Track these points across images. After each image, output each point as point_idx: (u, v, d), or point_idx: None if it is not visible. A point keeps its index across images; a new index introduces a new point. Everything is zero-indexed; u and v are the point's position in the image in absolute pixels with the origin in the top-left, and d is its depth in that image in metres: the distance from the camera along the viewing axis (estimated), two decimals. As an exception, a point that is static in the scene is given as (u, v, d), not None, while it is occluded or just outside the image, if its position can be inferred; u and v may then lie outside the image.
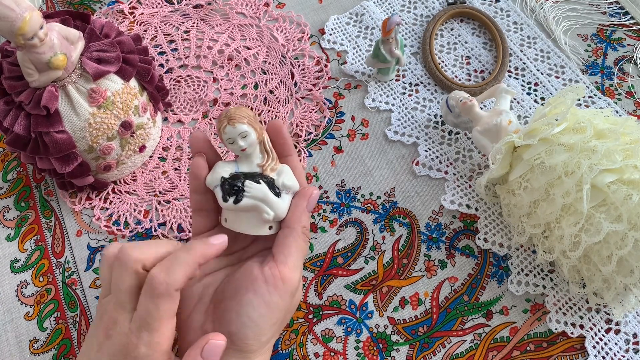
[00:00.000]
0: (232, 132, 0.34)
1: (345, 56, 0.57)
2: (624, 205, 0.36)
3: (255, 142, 0.35)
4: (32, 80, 0.41)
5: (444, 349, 0.43)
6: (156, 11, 0.61)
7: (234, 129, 0.34)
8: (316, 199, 0.36)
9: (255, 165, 0.36)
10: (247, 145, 0.35)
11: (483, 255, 0.47)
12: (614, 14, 0.59)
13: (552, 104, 0.43)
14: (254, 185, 0.34)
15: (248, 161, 0.36)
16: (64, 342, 0.45)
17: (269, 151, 0.36)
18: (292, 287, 0.34)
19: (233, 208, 0.35)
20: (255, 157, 0.36)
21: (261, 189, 0.34)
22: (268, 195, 0.35)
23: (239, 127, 0.34)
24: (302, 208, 0.35)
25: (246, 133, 0.34)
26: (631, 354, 0.42)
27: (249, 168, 0.35)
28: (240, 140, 0.34)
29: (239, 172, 0.35)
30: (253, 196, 0.34)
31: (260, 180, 0.35)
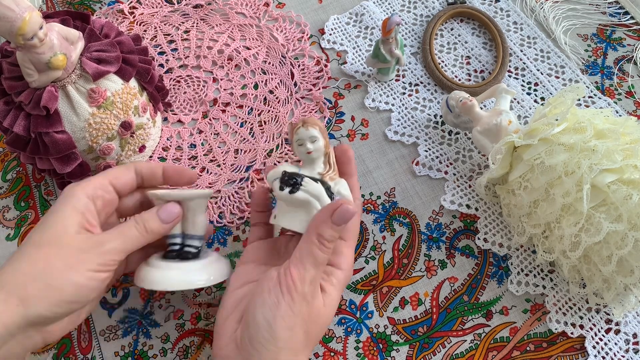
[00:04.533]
0: (304, 134, 0.37)
1: (345, 56, 0.57)
2: (624, 205, 0.36)
3: (321, 149, 0.38)
4: (31, 81, 0.41)
5: (444, 349, 0.43)
6: (156, 11, 0.61)
7: (306, 132, 0.37)
8: (345, 214, 0.34)
9: (316, 173, 0.38)
10: (314, 149, 0.37)
11: (483, 255, 0.47)
12: (614, 14, 0.59)
13: (552, 104, 0.43)
14: (311, 182, 0.37)
15: (310, 167, 0.38)
16: (64, 341, 0.45)
17: (331, 164, 0.39)
18: (302, 292, 0.33)
19: (287, 198, 0.37)
20: (317, 165, 0.38)
21: (317, 187, 0.37)
22: (322, 194, 0.37)
23: (311, 131, 0.37)
24: (325, 217, 0.35)
25: (316, 138, 0.37)
26: (631, 354, 0.42)
27: (310, 173, 0.38)
28: (309, 143, 0.37)
29: (300, 173, 0.38)
30: (308, 191, 0.36)
31: (318, 182, 0.37)
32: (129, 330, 0.45)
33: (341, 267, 0.37)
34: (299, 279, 0.33)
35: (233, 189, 0.51)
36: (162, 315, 0.45)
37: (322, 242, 0.34)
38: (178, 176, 0.42)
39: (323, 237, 0.34)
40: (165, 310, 0.46)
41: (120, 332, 0.45)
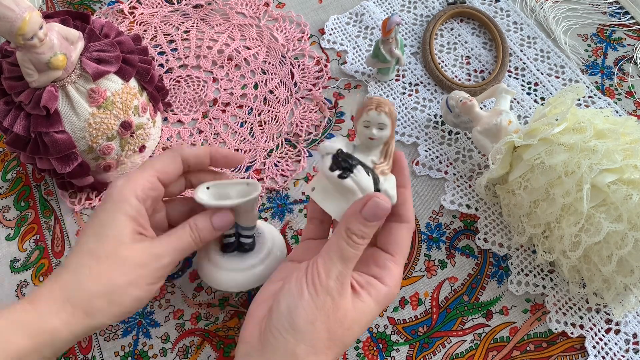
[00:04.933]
0: (374, 118, 0.34)
1: (345, 56, 0.57)
2: (624, 205, 0.36)
3: (385, 138, 0.35)
4: (31, 81, 0.41)
5: (444, 349, 0.43)
6: (156, 11, 0.61)
7: (377, 116, 0.34)
8: (375, 208, 0.32)
9: (370, 160, 0.35)
10: (378, 137, 0.34)
11: (483, 255, 0.47)
12: (614, 14, 0.59)
13: (552, 104, 0.43)
14: (363, 173, 0.34)
15: (365, 153, 0.35)
16: (64, 342, 0.45)
17: (388, 155, 0.36)
18: (327, 285, 0.32)
19: (334, 180, 0.34)
20: (374, 153, 0.35)
21: (368, 180, 0.34)
22: (370, 189, 0.34)
23: (382, 118, 0.34)
24: (355, 210, 0.33)
25: (384, 125, 0.34)
26: (631, 354, 0.42)
27: (364, 159, 0.35)
28: (375, 129, 0.34)
29: (353, 154, 0.35)
30: (357, 181, 0.33)
31: (370, 174, 0.34)
32: (129, 330, 0.45)
33: (384, 281, 0.34)
34: (324, 271, 0.32)
35: (233, 189, 0.51)
36: (162, 315, 0.45)
37: (351, 236, 0.32)
38: (225, 161, 0.41)
39: (351, 231, 0.32)
40: (165, 310, 0.46)
41: (120, 332, 0.45)
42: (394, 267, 0.35)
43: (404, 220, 0.36)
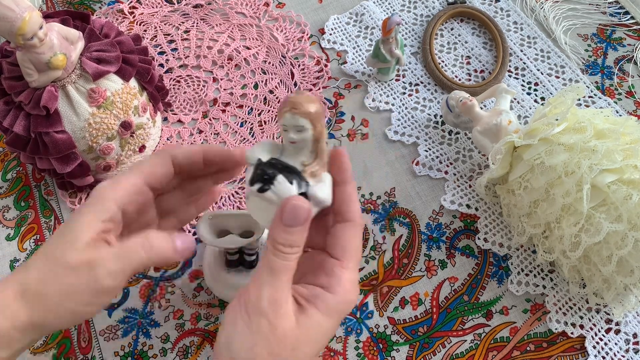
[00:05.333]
0: (289, 121, 0.30)
1: (345, 56, 0.57)
2: (624, 205, 0.36)
3: (308, 139, 0.31)
4: (31, 81, 0.41)
5: (444, 349, 0.43)
6: (156, 11, 0.61)
7: (292, 119, 0.30)
8: (294, 212, 0.29)
9: (300, 162, 0.32)
10: (298, 140, 0.31)
11: (483, 255, 0.47)
12: (614, 14, 0.59)
13: (552, 103, 0.43)
14: (284, 184, 0.31)
15: (295, 154, 0.32)
16: (64, 341, 0.45)
17: (319, 153, 0.32)
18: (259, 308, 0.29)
19: (256, 194, 0.31)
20: (303, 154, 0.32)
21: (289, 190, 0.31)
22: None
23: (298, 120, 0.30)
24: (276, 219, 0.30)
25: (302, 128, 0.31)
26: (631, 354, 0.42)
27: (292, 161, 0.32)
28: (294, 132, 0.31)
29: (279, 159, 0.32)
30: (277, 194, 0.31)
31: (294, 181, 0.31)
32: (128, 330, 0.45)
33: (332, 290, 0.31)
34: (255, 292, 0.29)
35: (233, 189, 0.50)
36: (162, 315, 0.45)
37: (277, 247, 0.30)
38: (220, 160, 0.36)
39: (276, 242, 0.30)
40: (165, 310, 0.46)
41: (120, 332, 0.45)
42: (343, 273, 0.31)
43: (347, 219, 0.33)
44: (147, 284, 0.46)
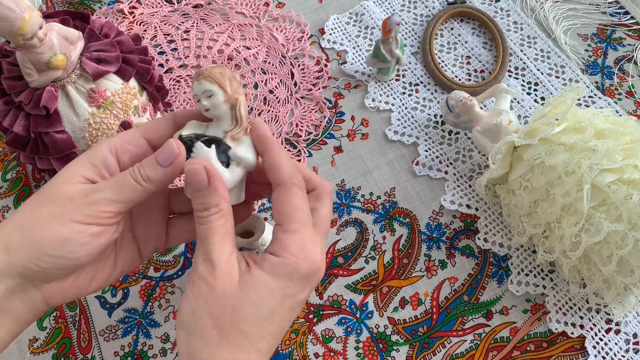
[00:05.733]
0: (197, 89, 0.31)
1: (345, 56, 0.57)
2: (624, 205, 0.36)
3: (220, 104, 0.32)
4: (31, 80, 0.41)
5: (444, 349, 0.43)
6: (156, 11, 0.61)
7: (199, 86, 0.31)
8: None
9: (222, 131, 0.33)
10: (211, 105, 0.32)
11: (483, 255, 0.47)
12: (614, 14, 0.59)
13: (552, 103, 0.43)
14: (202, 149, 0.32)
15: (217, 126, 0.33)
16: (64, 341, 0.45)
17: (238, 119, 0.33)
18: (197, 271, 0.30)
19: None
20: (225, 122, 0.33)
21: (207, 153, 0.31)
22: (211, 161, 0.31)
23: (204, 85, 0.31)
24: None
25: (211, 92, 0.31)
26: (631, 354, 0.42)
27: (215, 133, 0.33)
28: (205, 99, 0.31)
29: (203, 134, 0.33)
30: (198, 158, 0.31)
31: (213, 145, 0.32)
32: (128, 330, 0.45)
33: (276, 253, 0.31)
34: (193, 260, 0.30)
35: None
36: (162, 315, 0.45)
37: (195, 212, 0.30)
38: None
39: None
40: (165, 310, 0.46)
41: (120, 332, 0.45)
42: (285, 236, 0.31)
43: (277, 183, 0.32)
44: (147, 284, 0.47)
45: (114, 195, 0.30)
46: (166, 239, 0.37)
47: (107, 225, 0.31)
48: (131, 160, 0.33)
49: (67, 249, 0.30)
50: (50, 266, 0.30)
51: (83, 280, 0.33)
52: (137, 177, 0.31)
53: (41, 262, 0.29)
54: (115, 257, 0.34)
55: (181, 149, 0.31)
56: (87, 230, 0.30)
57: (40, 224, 0.29)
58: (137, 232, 0.35)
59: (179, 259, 0.47)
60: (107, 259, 0.34)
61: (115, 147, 0.32)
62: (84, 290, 0.33)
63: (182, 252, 0.48)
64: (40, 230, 0.29)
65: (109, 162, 0.32)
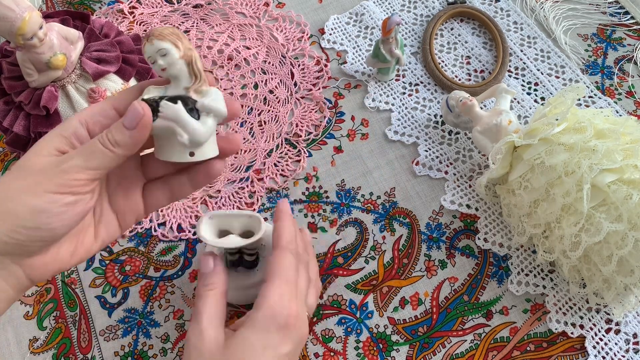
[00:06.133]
0: (150, 50, 0.31)
1: (345, 56, 0.57)
2: (624, 205, 0.36)
3: (176, 61, 0.32)
4: (31, 80, 0.41)
5: (444, 349, 0.43)
6: (156, 11, 0.61)
7: (152, 47, 0.31)
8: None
9: (182, 88, 0.33)
10: (167, 64, 0.32)
11: (483, 255, 0.47)
12: (614, 14, 0.59)
13: (552, 103, 0.43)
14: (168, 105, 0.32)
15: (176, 85, 0.33)
16: (64, 341, 0.45)
17: (197, 73, 0.33)
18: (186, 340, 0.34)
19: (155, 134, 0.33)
20: (183, 80, 0.33)
21: (174, 108, 0.32)
22: (180, 116, 0.32)
23: (157, 44, 0.31)
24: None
25: (165, 51, 0.31)
26: (631, 354, 0.42)
27: (176, 92, 0.33)
28: (160, 59, 0.31)
29: (163, 95, 0.33)
30: (166, 116, 0.32)
31: (178, 101, 0.32)
32: (128, 330, 0.45)
33: (257, 307, 0.33)
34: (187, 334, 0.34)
35: (233, 189, 0.51)
36: (162, 315, 0.45)
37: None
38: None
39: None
40: (165, 310, 0.46)
41: (120, 332, 0.45)
42: (267, 290, 0.34)
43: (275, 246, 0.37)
44: (147, 284, 0.47)
45: (85, 162, 0.30)
46: (144, 207, 0.37)
47: (81, 194, 0.31)
48: (102, 130, 0.32)
49: (41, 220, 0.29)
50: (26, 239, 0.30)
51: (64, 254, 0.33)
52: (105, 142, 0.31)
53: (17, 234, 0.29)
54: (94, 230, 0.34)
55: (146, 109, 0.31)
56: (61, 199, 0.30)
57: (14, 197, 0.29)
58: (114, 204, 0.35)
59: (179, 259, 0.47)
60: (86, 232, 0.34)
61: (86, 119, 0.32)
62: (65, 264, 0.33)
63: (182, 252, 0.48)
64: (14, 203, 0.29)
65: (79, 132, 0.32)
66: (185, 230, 0.49)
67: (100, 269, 0.47)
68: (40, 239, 0.30)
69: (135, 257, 0.48)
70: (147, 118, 0.31)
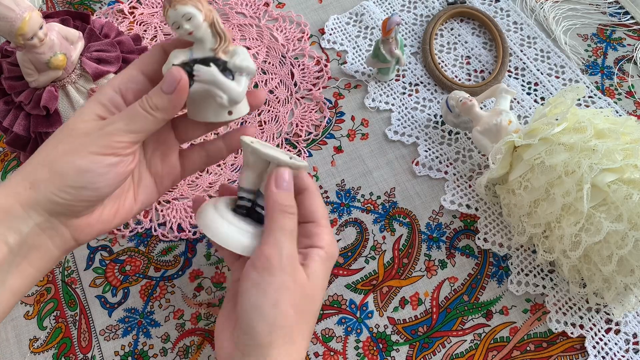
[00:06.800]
0: (175, 16, 0.32)
1: (345, 56, 0.57)
2: (624, 204, 0.36)
3: (201, 24, 0.33)
4: (31, 81, 0.41)
5: (444, 349, 0.43)
6: (156, 11, 0.61)
7: (175, 12, 0.32)
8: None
9: (209, 50, 0.34)
10: (193, 28, 0.33)
11: (483, 255, 0.47)
12: (614, 14, 0.59)
13: (552, 103, 0.43)
14: (202, 69, 0.33)
15: (201, 47, 0.34)
16: (64, 340, 0.45)
17: (220, 33, 0.34)
18: (278, 263, 0.33)
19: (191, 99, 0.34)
20: (208, 41, 0.34)
21: (210, 71, 0.33)
22: (217, 77, 0.33)
23: (181, 9, 0.32)
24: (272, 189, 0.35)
25: (190, 15, 0.32)
26: (631, 354, 0.42)
27: (203, 54, 0.34)
28: (185, 23, 0.32)
29: (192, 58, 0.34)
30: (202, 80, 0.33)
31: (211, 63, 0.33)
32: (129, 330, 0.45)
33: (318, 244, 0.36)
34: (269, 254, 0.33)
35: (233, 189, 0.51)
36: (162, 315, 0.45)
37: (282, 209, 0.34)
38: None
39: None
40: (165, 310, 0.46)
41: (120, 332, 0.45)
42: (321, 230, 0.36)
43: (303, 190, 0.38)
44: (147, 284, 0.47)
45: (126, 126, 0.33)
46: (181, 171, 0.39)
47: (122, 156, 0.33)
48: (134, 97, 0.35)
49: (87, 180, 0.32)
50: (73, 198, 0.32)
51: (107, 215, 0.35)
52: (145, 107, 0.33)
53: (65, 194, 0.31)
54: (134, 193, 0.37)
55: (182, 74, 0.33)
56: (104, 160, 0.32)
57: (61, 158, 0.32)
58: (152, 168, 0.38)
59: (179, 259, 0.48)
60: (127, 195, 0.36)
61: (119, 86, 0.34)
62: (108, 225, 0.35)
63: (182, 252, 0.48)
64: (61, 164, 0.31)
65: (115, 99, 0.34)
66: (185, 230, 0.49)
67: (101, 269, 0.47)
68: (86, 199, 0.32)
69: (136, 257, 0.48)
70: (185, 82, 0.33)
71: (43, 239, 0.32)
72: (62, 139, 0.32)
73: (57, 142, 0.32)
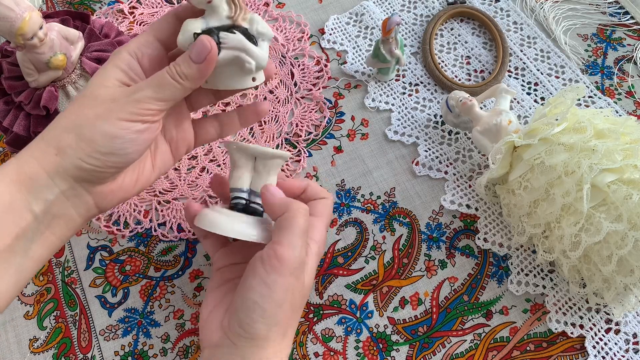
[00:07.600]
0: None
1: (345, 56, 0.57)
2: (624, 204, 0.36)
3: None
4: (31, 80, 0.41)
5: (444, 349, 0.43)
6: (156, 11, 0.61)
7: None
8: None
9: (225, 17, 0.34)
10: None
11: (483, 255, 0.47)
12: (614, 14, 0.59)
13: (552, 103, 0.43)
14: (229, 36, 0.33)
15: (216, 15, 0.34)
16: (64, 340, 0.45)
17: (236, 1, 0.34)
18: (290, 265, 0.32)
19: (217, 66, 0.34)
20: (222, 9, 0.34)
21: (238, 38, 0.33)
22: (246, 44, 0.33)
23: None
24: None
25: None
26: (631, 354, 0.42)
27: (219, 22, 0.34)
28: None
29: (210, 27, 0.34)
30: (231, 47, 0.33)
31: (235, 31, 0.34)
32: (129, 330, 0.45)
33: (314, 238, 0.37)
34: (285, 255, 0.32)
35: (233, 189, 0.51)
36: (162, 315, 0.45)
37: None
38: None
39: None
40: (165, 310, 0.46)
41: (120, 332, 0.45)
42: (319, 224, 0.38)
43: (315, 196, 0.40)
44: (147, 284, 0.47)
45: (155, 94, 0.32)
46: (195, 139, 0.40)
47: (150, 123, 0.33)
48: (150, 62, 0.35)
49: (116, 145, 0.32)
50: (101, 164, 0.32)
51: (128, 183, 0.35)
52: (174, 75, 0.33)
53: (93, 160, 0.31)
54: (152, 160, 0.37)
55: (212, 43, 0.33)
56: (133, 127, 0.32)
57: (88, 124, 0.31)
58: (167, 134, 0.38)
59: (179, 259, 0.48)
60: (145, 162, 0.37)
61: (135, 50, 0.34)
62: (129, 192, 0.36)
63: (182, 252, 0.48)
64: (89, 129, 0.31)
65: (133, 65, 0.34)
66: (185, 230, 0.49)
67: (101, 269, 0.47)
68: (114, 165, 0.32)
69: (136, 257, 0.48)
70: (215, 51, 0.32)
71: (67, 207, 0.32)
72: (87, 104, 0.32)
73: (82, 108, 0.32)
